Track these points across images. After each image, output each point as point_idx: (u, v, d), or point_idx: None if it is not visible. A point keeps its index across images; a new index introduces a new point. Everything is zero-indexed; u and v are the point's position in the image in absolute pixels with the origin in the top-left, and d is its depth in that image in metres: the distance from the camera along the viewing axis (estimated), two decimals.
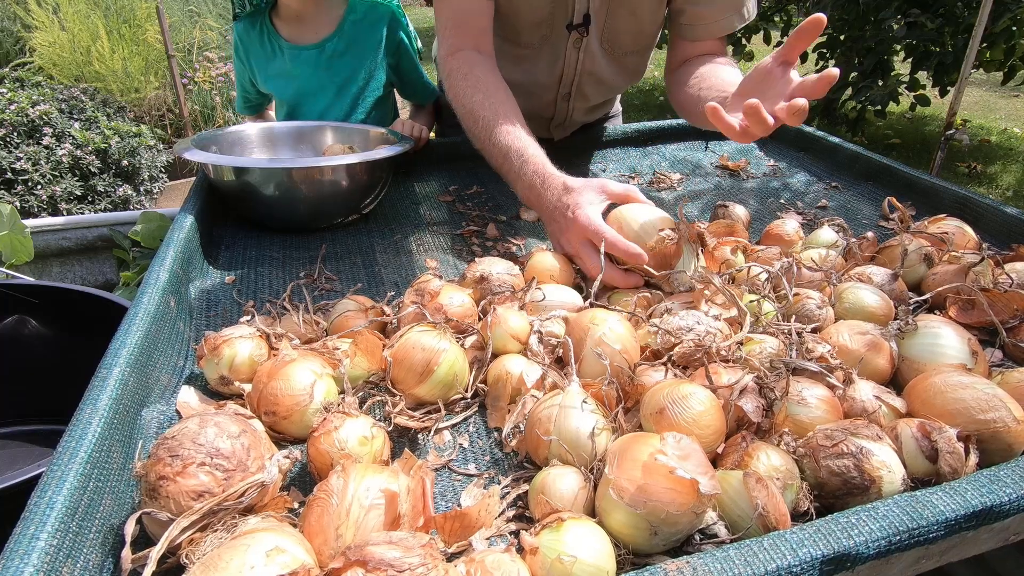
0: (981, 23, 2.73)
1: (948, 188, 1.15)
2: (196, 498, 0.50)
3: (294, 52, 1.49)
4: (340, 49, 1.50)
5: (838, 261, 0.91)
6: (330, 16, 1.50)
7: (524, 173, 0.98)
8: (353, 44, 1.51)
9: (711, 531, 0.52)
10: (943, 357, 0.69)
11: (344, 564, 0.44)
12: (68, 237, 1.93)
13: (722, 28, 1.17)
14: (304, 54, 1.49)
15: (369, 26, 1.52)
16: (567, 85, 1.31)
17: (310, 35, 1.50)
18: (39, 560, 0.44)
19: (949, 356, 0.69)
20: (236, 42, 1.54)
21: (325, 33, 1.49)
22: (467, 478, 0.62)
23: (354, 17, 1.50)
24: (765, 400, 0.61)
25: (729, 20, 1.16)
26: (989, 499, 0.52)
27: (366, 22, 1.51)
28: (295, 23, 1.50)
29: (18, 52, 4.26)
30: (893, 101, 4.13)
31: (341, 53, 1.50)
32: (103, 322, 1.03)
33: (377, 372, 0.70)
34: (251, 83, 1.59)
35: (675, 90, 1.19)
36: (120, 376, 0.61)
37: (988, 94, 6.22)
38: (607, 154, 1.51)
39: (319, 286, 0.96)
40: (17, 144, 2.72)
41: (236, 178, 1.07)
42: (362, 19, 1.51)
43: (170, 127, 4.13)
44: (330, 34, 1.49)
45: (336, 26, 1.50)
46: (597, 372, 0.67)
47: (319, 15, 1.49)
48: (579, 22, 1.18)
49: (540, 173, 0.97)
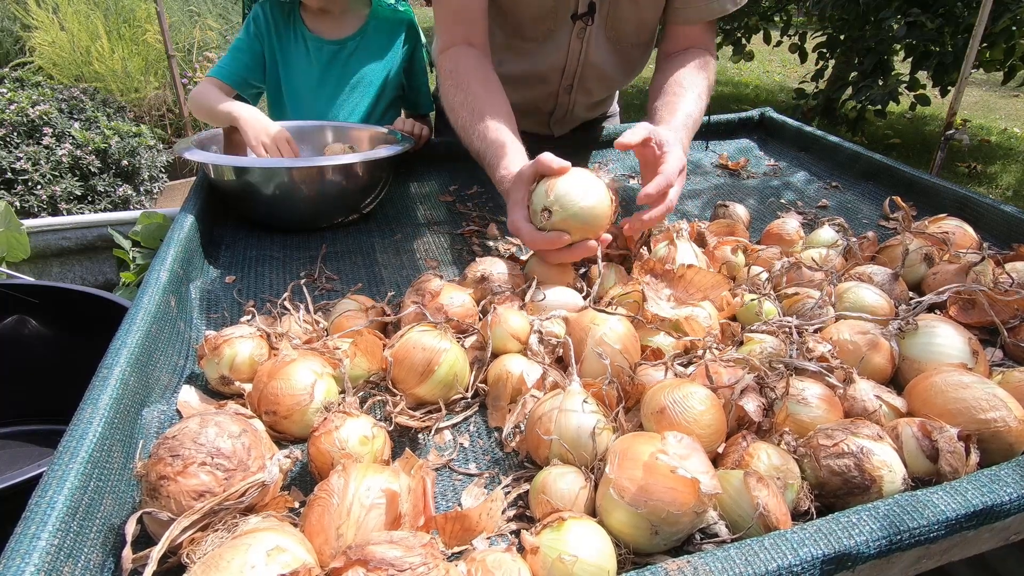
0: (981, 23, 2.73)
1: (948, 188, 1.15)
2: (197, 498, 0.50)
3: (316, 43, 1.51)
4: (360, 50, 1.53)
5: (838, 261, 0.91)
6: (354, 16, 1.53)
7: (493, 174, 0.99)
8: (373, 46, 1.54)
9: (712, 530, 0.52)
10: (943, 356, 0.69)
11: (345, 563, 0.44)
12: (68, 237, 1.93)
13: (713, 11, 1.18)
14: (326, 47, 1.51)
15: (389, 31, 1.55)
16: (569, 77, 1.31)
17: (332, 31, 1.52)
18: (40, 560, 0.44)
19: (949, 355, 0.69)
20: (259, 18, 1.50)
21: (348, 32, 1.52)
22: (468, 478, 0.62)
23: (377, 21, 1.53)
24: (766, 399, 0.61)
25: (721, 2, 1.17)
26: (990, 499, 0.52)
27: (387, 27, 1.55)
28: (319, 17, 1.52)
29: (18, 52, 4.26)
30: (893, 101, 4.14)
31: (360, 54, 1.53)
32: (103, 322, 1.03)
33: (377, 372, 0.70)
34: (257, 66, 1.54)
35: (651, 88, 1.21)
36: (121, 376, 0.61)
37: (988, 94, 6.22)
38: (607, 153, 1.51)
39: (319, 286, 0.96)
40: (17, 144, 2.71)
41: (237, 178, 1.07)
42: (384, 24, 1.54)
43: (170, 127, 4.13)
44: (352, 33, 1.52)
45: (359, 27, 1.53)
46: (598, 372, 0.67)
47: (343, 13, 1.52)
48: (584, 11, 1.19)
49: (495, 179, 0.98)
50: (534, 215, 0.85)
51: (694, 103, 1.09)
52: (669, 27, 1.24)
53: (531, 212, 0.86)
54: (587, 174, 0.86)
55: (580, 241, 0.84)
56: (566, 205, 0.82)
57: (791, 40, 5.06)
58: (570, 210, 0.82)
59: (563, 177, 0.84)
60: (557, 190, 0.83)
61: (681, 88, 1.11)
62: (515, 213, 0.87)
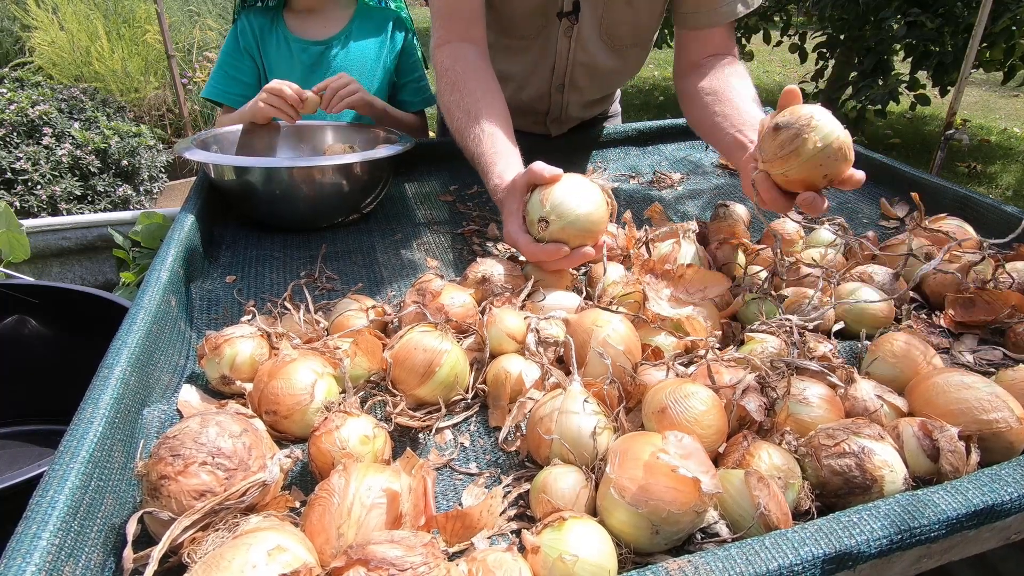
0: (981, 23, 2.73)
1: (948, 188, 1.15)
2: (198, 497, 0.50)
3: (300, 46, 1.49)
4: (345, 49, 1.50)
5: (839, 261, 0.91)
6: (339, 15, 1.51)
7: (487, 181, 0.97)
8: (358, 46, 1.51)
9: (713, 530, 0.52)
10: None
11: (346, 563, 0.44)
12: (68, 237, 1.93)
13: (725, 15, 1.13)
14: (310, 49, 1.49)
15: (376, 28, 1.52)
16: (560, 76, 1.30)
17: (317, 31, 1.50)
18: (41, 559, 0.44)
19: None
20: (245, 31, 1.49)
21: (332, 32, 1.50)
22: (468, 477, 0.62)
23: (362, 19, 1.51)
24: (767, 399, 0.61)
25: (731, 6, 1.12)
26: (990, 498, 0.52)
27: (373, 25, 1.52)
28: (305, 17, 1.50)
29: (17, 52, 4.26)
30: (893, 101, 4.13)
31: (346, 53, 1.50)
32: (103, 322, 1.03)
33: (378, 371, 0.70)
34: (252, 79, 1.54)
35: (688, 104, 1.14)
36: (121, 375, 0.61)
37: (988, 94, 6.22)
38: (607, 153, 1.51)
39: (320, 286, 0.96)
40: (17, 144, 2.71)
41: (237, 177, 1.07)
42: (370, 22, 1.51)
43: (170, 127, 4.13)
44: (337, 33, 1.50)
45: (343, 26, 1.50)
46: (600, 373, 0.67)
47: (329, 12, 1.50)
48: (568, 10, 1.18)
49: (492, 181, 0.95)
50: (531, 225, 0.84)
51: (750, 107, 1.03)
52: (684, 34, 1.19)
53: (527, 222, 0.85)
54: (582, 180, 0.85)
55: (578, 247, 0.83)
56: (563, 214, 0.81)
57: (791, 40, 5.06)
58: (567, 218, 0.81)
59: (557, 185, 0.83)
60: (553, 199, 0.82)
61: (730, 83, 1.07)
62: (511, 224, 0.86)
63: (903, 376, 0.68)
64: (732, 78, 1.09)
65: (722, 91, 1.06)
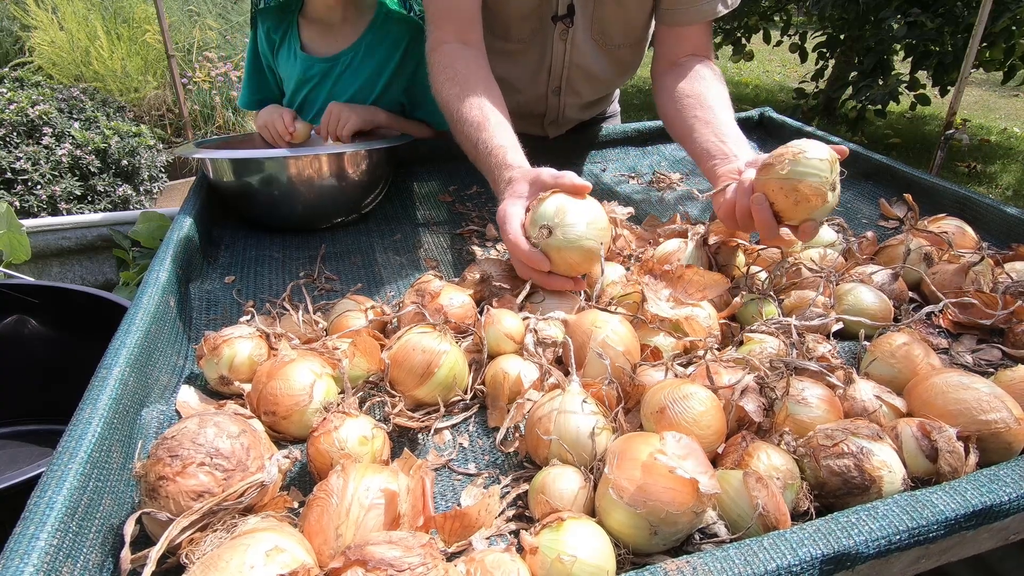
0: (981, 23, 2.73)
1: (948, 188, 1.15)
2: (196, 498, 0.50)
3: (307, 63, 1.44)
4: (352, 65, 1.45)
5: (838, 261, 0.91)
6: (352, 29, 1.45)
7: (488, 169, 0.96)
8: (368, 60, 1.45)
9: (711, 530, 0.52)
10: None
11: (344, 564, 0.44)
12: (68, 237, 1.93)
13: (704, 12, 1.14)
14: (317, 65, 1.44)
15: (392, 42, 1.45)
16: (556, 79, 1.30)
17: (328, 45, 1.45)
18: (39, 560, 0.44)
19: None
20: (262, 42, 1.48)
21: (342, 46, 1.44)
22: (467, 477, 0.62)
23: (377, 31, 1.44)
24: (766, 400, 0.61)
25: (711, 4, 1.13)
26: (989, 498, 0.52)
27: (390, 38, 1.45)
28: (318, 28, 1.45)
29: (17, 52, 4.26)
30: (893, 100, 4.14)
31: (355, 67, 1.45)
32: (103, 322, 1.03)
33: (377, 372, 0.70)
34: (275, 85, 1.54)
35: (664, 102, 1.16)
36: (120, 376, 0.61)
37: (988, 94, 6.22)
38: (606, 154, 1.50)
39: (319, 286, 0.96)
40: (17, 144, 2.71)
41: (236, 178, 1.07)
42: (387, 34, 1.45)
43: (170, 127, 4.13)
44: (346, 48, 1.44)
45: (355, 40, 1.44)
46: (598, 374, 0.67)
47: (343, 26, 1.44)
48: (563, 13, 1.18)
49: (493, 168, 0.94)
50: (532, 224, 0.82)
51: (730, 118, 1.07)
52: (662, 30, 1.21)
53: (529, 219, 0.83)
54: (601, 212, 0.83)
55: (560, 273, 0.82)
56: (568, 234, 0.79)
57: (791, 40, 5.06)
58: (569, 238, 0.79)
59: (579, 205, 0.81)
60: (568, 217, 0.79)
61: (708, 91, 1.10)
62: (512, 208, 0.84)
63: (902, 376, 0.68)
64: (710, 82, 1.12)
65: (701, 95, 1.09)
